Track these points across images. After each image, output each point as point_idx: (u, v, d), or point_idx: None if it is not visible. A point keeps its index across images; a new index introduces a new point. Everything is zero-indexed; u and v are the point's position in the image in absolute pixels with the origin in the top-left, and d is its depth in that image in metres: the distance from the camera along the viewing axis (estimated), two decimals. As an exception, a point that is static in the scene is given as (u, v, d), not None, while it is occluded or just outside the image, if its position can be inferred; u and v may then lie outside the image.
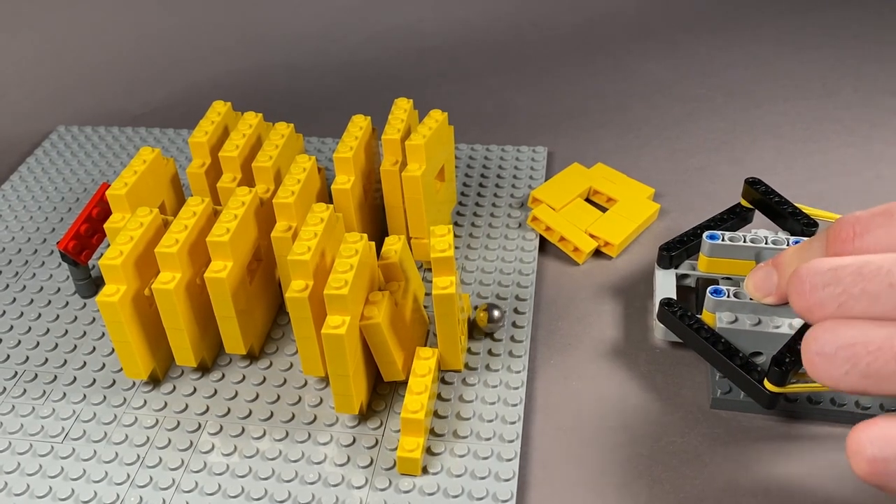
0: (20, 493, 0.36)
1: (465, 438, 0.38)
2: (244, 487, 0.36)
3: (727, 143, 0.59)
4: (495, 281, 0.47)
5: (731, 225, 0.46)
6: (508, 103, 0.66)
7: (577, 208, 0.50)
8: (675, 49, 0.72)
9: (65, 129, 0.63)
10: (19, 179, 0.58)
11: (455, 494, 0.35)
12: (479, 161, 0.57)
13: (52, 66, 0.70)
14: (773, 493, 0.36)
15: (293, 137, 0.46)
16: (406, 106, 0.47)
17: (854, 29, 0.74)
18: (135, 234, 0.39)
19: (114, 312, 0.38)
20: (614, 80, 0.68)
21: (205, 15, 0.76)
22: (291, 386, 0.41)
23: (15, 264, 0.50)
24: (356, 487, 0.36)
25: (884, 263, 0.25)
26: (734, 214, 0.46)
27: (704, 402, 0.40)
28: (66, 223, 0.53)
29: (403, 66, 0.72)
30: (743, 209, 0.47)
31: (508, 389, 0.40)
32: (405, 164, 0.44)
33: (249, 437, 0.39)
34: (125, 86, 0.70)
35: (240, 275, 0.39)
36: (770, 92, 0.65)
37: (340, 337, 0.35)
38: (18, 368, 0.43)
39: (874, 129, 0.60)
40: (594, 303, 0.46)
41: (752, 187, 0.46)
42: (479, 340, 0.43)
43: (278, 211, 0.41)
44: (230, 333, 0.40)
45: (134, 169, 0.43)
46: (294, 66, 0.72)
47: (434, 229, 0.39)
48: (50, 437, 0.39)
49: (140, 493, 0.36)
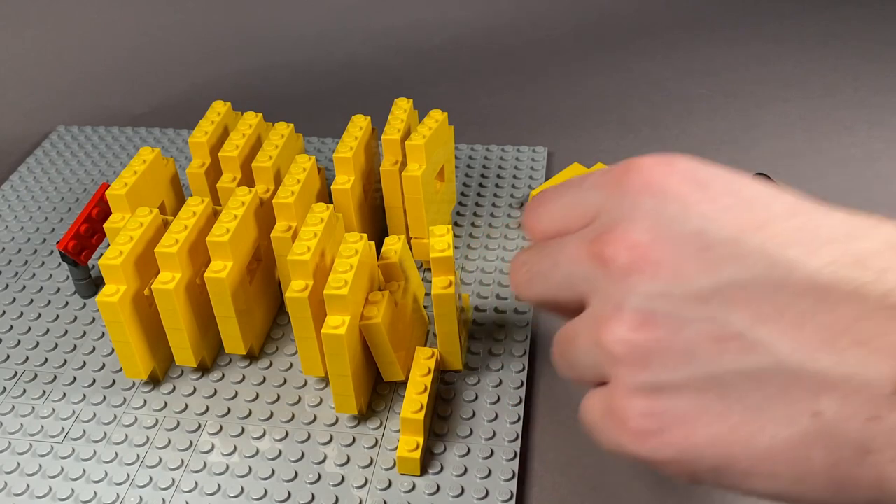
0: (20, 493, 0.36)
1: (465, 438, 0.38)
2: (244, 487, 0.36)
3: (727, 143, 0.59)
4: (495, 281, 0.47)
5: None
6: (508, 103, 0.66)
7: (577, 208, 0.50)
8: (675, 49, 0.72)
9: (65, 129, 0.63)
10: (19, 179, 0.58)
11: (455, 494, 0.35)
12: (479, 161, 0.57)
13: (52, 66, 0.70)
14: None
15: (293, 137, 0.46)
16: (406, 106, 0.47)
17: (854, 29, 0.74)
18: (135, 234, 0.39)
19: (114, 312, 0.38)
20: (614, 80, 0.68)
21: (205, 15, 0.76)
22: (291, 386, 0.41)
23: (15, 264, 0.50)
24: (356, 487, 0.36)
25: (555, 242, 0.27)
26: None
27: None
28: (66, 223, 0.53)
29: (403, 66, 0.72)
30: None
31: (508, 389, 0.40)
32: (405, 164, 0.44)
33: (249, 437, 0.39)
34: (125, 86, 0.70)
35: (240, 275, 0.39)
36: (770, 92, 0.65)
37: (340, 337, 0.35)
38: (18, 368, 0.43)
39: (874, 129, 0.60)
40: (594, 303, 0.46)
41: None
42: (479, 340, 0.43)
43: (278, 211, 0.41)
44: (230, 333, 0.40)
45: (134, 169, 0.43)
46: (294, 66, 0.72)
47: (434, 229, 0.39)
48: (50, 437, 0.39)
49: (140, 493, 0.36)
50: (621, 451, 0.24)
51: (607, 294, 0.24)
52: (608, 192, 0.25)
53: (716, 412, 0.22)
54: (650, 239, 0.23)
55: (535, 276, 0.27)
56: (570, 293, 0.26)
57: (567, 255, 0.26)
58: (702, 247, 0.22)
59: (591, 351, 0.24)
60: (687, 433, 0.22)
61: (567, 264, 0.26)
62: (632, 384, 0.23)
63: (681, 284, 0.22)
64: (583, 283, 0.25)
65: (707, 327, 0.22)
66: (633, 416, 0.23)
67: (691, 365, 0.22)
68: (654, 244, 0.23)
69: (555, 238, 0.27)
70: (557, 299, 0.27)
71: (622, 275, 0.23)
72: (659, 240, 0.23)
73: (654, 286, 0.23)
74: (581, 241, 0.25)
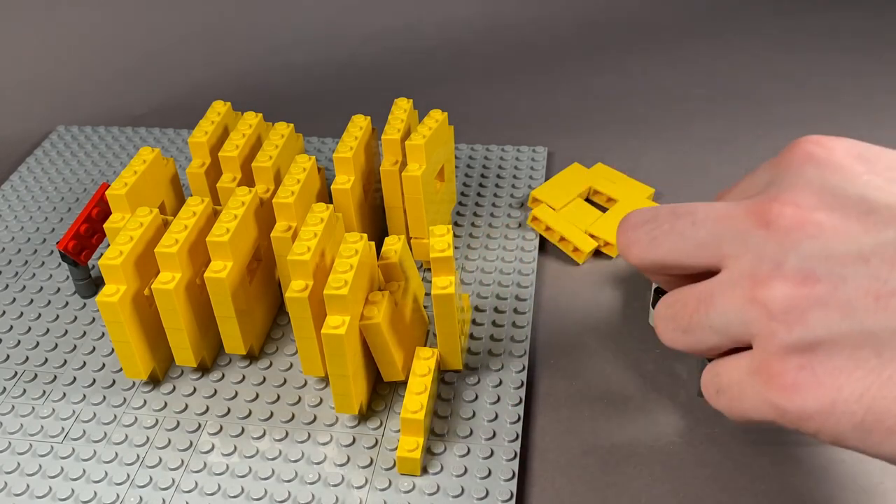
0: (20, 493, 0.36)
1: (465, 438, 0.38)
2: (244, 487, 0.36)
3: (727, 143, 0.59)
4: (495, 281, 0.47)
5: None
6: (508, 103, 0.66)
7: (577, 208, 0.50)
8: (675, 49, 0.72)
9: (65, 129, 0.63)
10: (19, 179, 0.58)
11: (455, 494, 0.35)
12: (479, 161, 0.57)
13: (52, 66, 0.70)
14: (772, 494, 0.36)
15: (293, 137, 0.46)
16: (406, 106, 0.47)
17: (854, 29, 0.74)
18: (134, 234, 0.39)
19: (114, 312, 0.38)
20: (614, 80, 0.68)
21: (205, 15, 0.76)
22: (291, 386, 0.41)
23: (15, 264, 0.50)
24: (356, 487, 0.36)
25: (695, 207, 0.27)
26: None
27: (704, 401, 0.40)
28: (66, 223, 0.53)
29: (403, 66, 0.72)
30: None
31: (508, 389, 0.40)
32: (405, 164, 0.44)
33: (249, 437, 0.39)
34: (125, 86, 0.70)
35: (240, 275, 0.39)
36: (770, 92, 0.65)
37: (340, 337, 0.35)
38: (18, 368, 0.43)
39: (874, 129, 0.60)
40: (594, 303, 0.46)
41: (753, 187, 0.46)
42: (479, 340, 0.43)
43: (278, 211, 0.41)
44: (230, 333, 0.40)
45: (134, 169, 0.43)
46: (294, 66, 0.72)
47: (433, 229, 0.39)
48: (50, 437, 0.39)
49: (140, 493, 0.36)
50: (767, 406, 0.25)
51: (763, 253, 0.25)
52: (774, 168, 0.27)
53: (869, 367, 0.23)
54: (814, 202, 0.24)
55: (665, 235, 0.28)
56: (707, 254, 0.26)
57: (716, 213, 0.26)
58: (865, 210, 0.24)
59: (741, 309, 0.25)
60: (840, 385, 0.23)
61: (713, 223, 0.26)
62: (789, 340, 0.24)
63: (843, 243, 0.23)
64: (731, 242, 0.26)
65: (867, 284, 0.23)
66: (788, 370, 0.24)
67: (849, 320, 0.23)
68: (817, 206, 0.24)
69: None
70: (685, 261, 0.27)
71: (783, 234, 0.24)
72: (822, 202, 0.24)
73: (815, 245, 0.24)
74: (737, 204, 0.26)
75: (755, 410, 0.25)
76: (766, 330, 0.24)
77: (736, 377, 0.26)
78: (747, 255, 0.25)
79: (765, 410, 0.25)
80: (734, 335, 0.26)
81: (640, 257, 0.29)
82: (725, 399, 0.27)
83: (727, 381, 0.27)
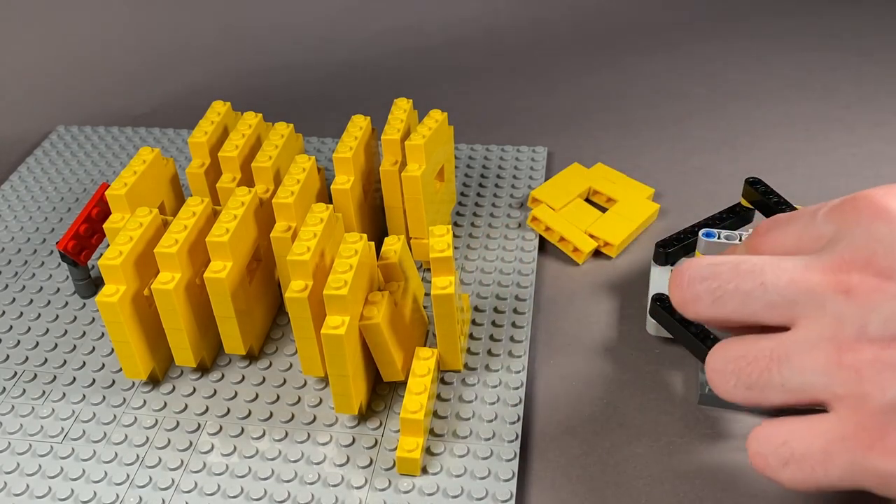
0: (20, 493, 0.36)
1: (464, 438, 0.38)
2: (243, 488, 0.36)
3: (727, 143, 0.59)
4: (495, 281, 0.47)
5: (730, 224, 0.46)
6: (508, 103, 0.66)
7: (576, 208, 0.50)
8: (675, 49, 0.72)
9: (65, 129, 0.63)
10: (19, 179, 0.58)
11: (455, 494, 0.35)
12: (479, 161, 0.57)
13: (52, 66, 0.70)
14: (771, 494, 0.36)
15: (293, 137, 0.46)
16: (406, 106, 0.47)
17: (854, 29, 0.74)
18: (134, 235, 0.39)
19: (113, 312, 0.38)
20: (614, 80, 0.68)
21: (205, 15, 0.76)
22: (291, 386, 0.41)
23: (14, 264, 0.50)
24: (356, 488, 0.36)
25: (759, 263, 0.27)
26: (734, 214, 0.46)
27: (704, 402, 0.40)
28: (66, 223, 0.53)
29: (403, 66, 0.72)
30: (743, 209, 0.47)
31: (508, 389, 0.40)
32: (405, 164, 0.44)
33: (249, 437, 0.39)
34: (125, 86, 0.70)
35: (239, 275, 0.39)
36: (770, 92, 0.65)
37: (340, 337, 0.35)
38: (18, 368, 0.43)
39: (874, 129, 0.60)
40: (594, 303, 0.46)
41: (752, 187, 0.46)
42: (479, 340, 0.43)
43: (278, 211, 0.41)
44: (230, 334, 0.40)
45: (134, 169, 0.43)
46: (294, 66, 0.72)
47: (433, 229, 0.39)
48: (49, 437, 0.39)
49: (139, 493, 0.36)
50: (863, 472, 0.24)
51: (843, 317, 0.25)
52: (841, 222, 0.26)
53: None
54: (890, 264, 0.24)
55: (730, 295, 0.27)
56: (778, 314, 0.26)
57: (787, 276, 0.26)
58: None
59: (825, 372, 0.25)
60: None
61: (785, 286, 0.26)
62: (883, 401, 0.24)
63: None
64: (805, 305, 0.26)
65: None
66: (890, 432, 0.24)
67: None
68: (894, 268, 0.24)
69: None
70: (751, 320, 0.27)
71: (863, 297, 0.24)
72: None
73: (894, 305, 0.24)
74: (808, 265, 0.26)
75: (846, 479, 0.25)
76: (856, 392, 0.24)
77: (819, 445, 0.25)
78: (825, 318, 0.25)
79: (860, 477, 0.24)
80: (811, 396, 0.25)
81: (701, 315, 0.28)
82: (800, 470, 0.26)
83: (803, 451, 0.26)
